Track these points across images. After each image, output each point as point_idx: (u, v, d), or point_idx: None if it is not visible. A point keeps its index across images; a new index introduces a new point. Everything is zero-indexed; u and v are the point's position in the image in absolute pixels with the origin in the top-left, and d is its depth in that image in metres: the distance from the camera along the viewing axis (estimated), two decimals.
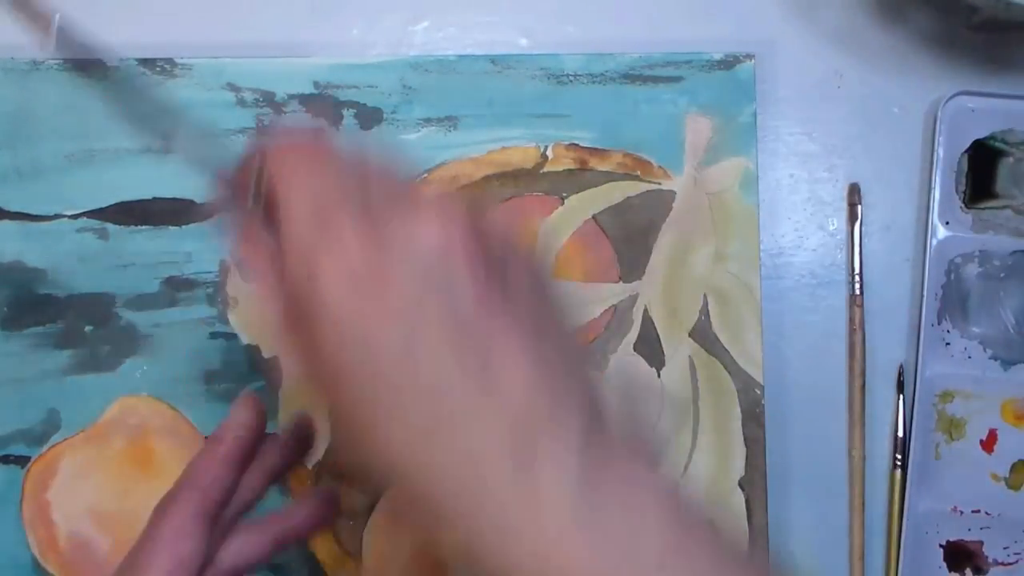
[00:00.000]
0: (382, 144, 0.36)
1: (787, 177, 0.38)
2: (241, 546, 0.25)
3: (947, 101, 0.37)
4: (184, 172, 0.34)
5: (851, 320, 0.38)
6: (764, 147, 0.38)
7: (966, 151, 0.37)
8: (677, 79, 0.36)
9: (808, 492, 0.37)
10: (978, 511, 0.37)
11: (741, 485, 0.36)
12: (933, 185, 0.37)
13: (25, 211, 0.36)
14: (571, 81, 0.36)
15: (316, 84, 0.36)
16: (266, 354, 0.36)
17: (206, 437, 0.33)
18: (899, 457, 0.37)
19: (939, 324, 0.37)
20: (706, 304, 0.36)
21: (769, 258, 0.38)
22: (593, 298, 0.37)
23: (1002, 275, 0.37)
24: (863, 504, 0.37)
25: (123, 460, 0.35)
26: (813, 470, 0.37)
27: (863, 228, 0.38)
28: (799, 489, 0.37)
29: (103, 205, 0.36)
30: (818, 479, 0.37)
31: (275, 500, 0.35)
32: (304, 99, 0.36)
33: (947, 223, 0.37)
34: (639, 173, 0.37)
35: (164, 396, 0.36)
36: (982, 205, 0.37)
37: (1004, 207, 0.37)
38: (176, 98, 0.36)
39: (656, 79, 0.36)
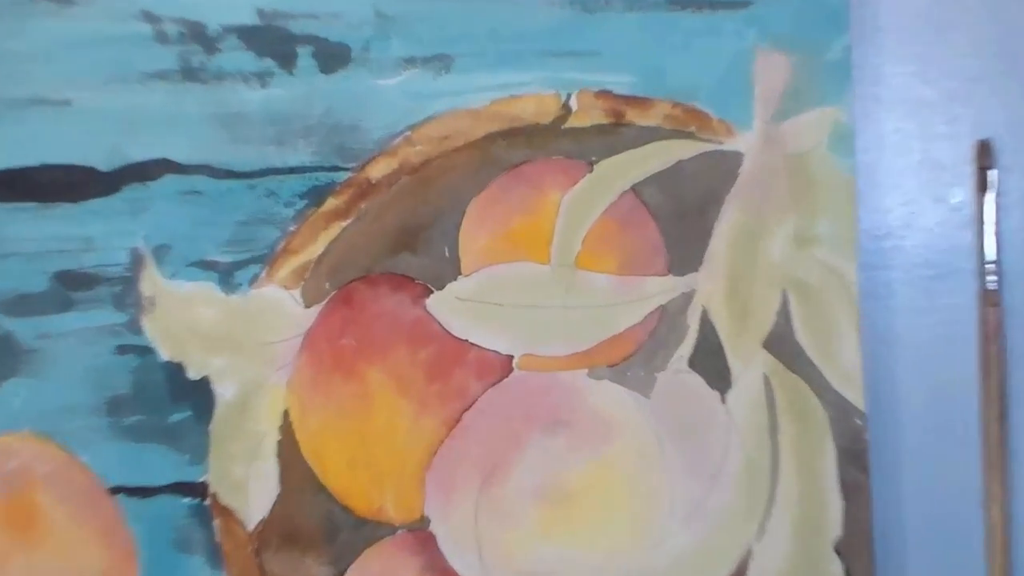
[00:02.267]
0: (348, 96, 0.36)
1: (893, 133, 0.38)
2: None
3: None
4: (84, 131, 0.36)
5: (984, 324, 0.37)
6: (861, 92, 0.38)
7: None
8: (743, 4, 0.37)
9: (930, 560, 0.38)
10: None
11: (838, 550, 0.36)
12: None
13: None
14: (602, 7, 0.37)
15: (260, 13, 0.36)
16: (193, 374, 0.36)
17: (111, 489, 0.36)
18: None
19: None
20: (786, 303, 0.36)
21: (870, 241, 0.38)
22: (633, 296, 0.37)
23: None
24: None
25: None
26: (936, 530, 0.38)
27: (998, 200, 0.38)
28: (918, 556, 0.37)
29: None
30: (943, 542, 0.38)
31: (206, 574, 0.36)
32: (245, 33, 0.36)
33: None
34: (693, 129, 0.37)
35: (52, 432, 0.36)
36: None
37: None
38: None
39: (715, 4, 0.37)
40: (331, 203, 0.36)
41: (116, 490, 0.36)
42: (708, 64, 0.36)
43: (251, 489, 0.36)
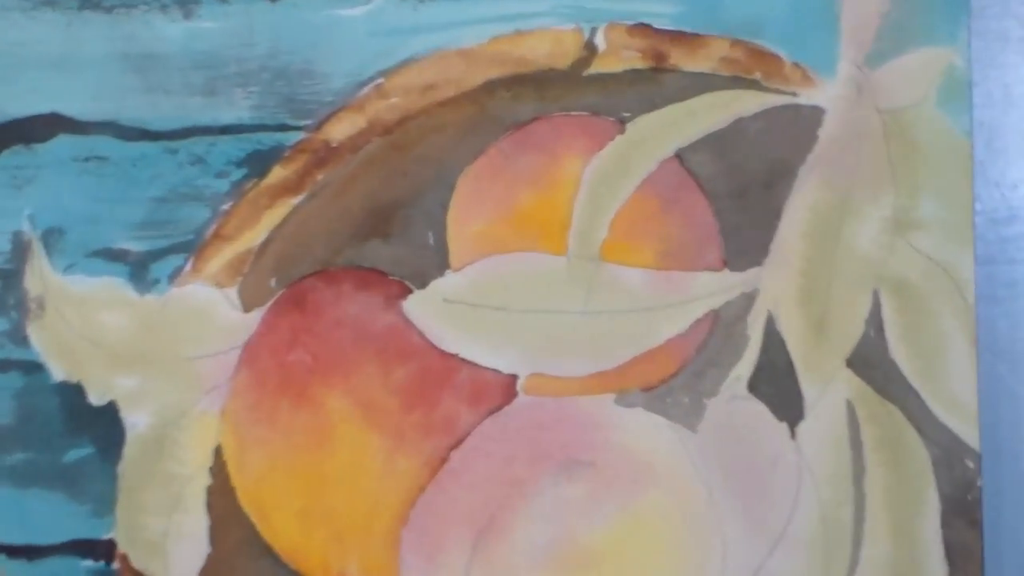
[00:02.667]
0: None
1: (1021, 82, 0.36)
2: None
3: None
4: None
5: None
6: (981, 28, 0.36)
7: None
8: None
9: None
10: None
11: None
12: None
13: None
14: None
15: None
16: (95, 399, 0.35)
17: None
18: None
19: None
20: (878, 308, 0.35)
21: (991, 227, 0.36)
22: (677, 298, 0.35)
23: None
24: None
25: None
26: None
27: None
28: None
29: None
30: None
31: None
32: None
33: None
34: (759, 76, 0.35)
35: None
36: None
37: None
38: None
39: None
40: (277, 174, 0.35)
41: None
42: None
43: (172, 550, 0.35)
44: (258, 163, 0.34)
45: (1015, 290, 0.36)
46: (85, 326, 0.35)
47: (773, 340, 0.34)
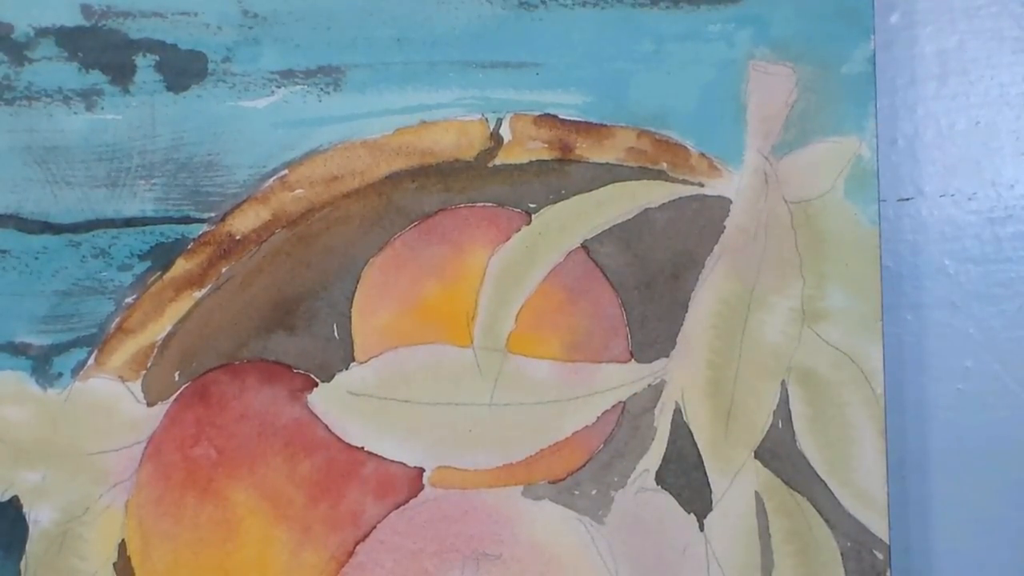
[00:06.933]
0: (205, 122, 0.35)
1: (935, 170, 0.37)
2: None
3: None
4: None
5: None
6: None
7: None
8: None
9: None
10: None
11: None
12: None
13: None
14: (543, 3, 0.35)
15: (86, 10, 0.35)
16: None
17: None
18: None
19: None
20: (786, 399, 0.35)
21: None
22: (584, 390, 0.35)
23: None
24: None
25: None
26: None
27: None
28: None
29: None
30: None
31: None
32: (66, 37, 0.35)
33: None
34: (665, 166, 0.35)
35: None
36: None
37: None
38: None
39: (696, 0, 0.36)
40: (181, 266, 0.35)
41: None
42: (686, 80, 0.35)
43: None
44: (162, 255, 0.34)
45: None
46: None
47: (680, 431, 0.35)
